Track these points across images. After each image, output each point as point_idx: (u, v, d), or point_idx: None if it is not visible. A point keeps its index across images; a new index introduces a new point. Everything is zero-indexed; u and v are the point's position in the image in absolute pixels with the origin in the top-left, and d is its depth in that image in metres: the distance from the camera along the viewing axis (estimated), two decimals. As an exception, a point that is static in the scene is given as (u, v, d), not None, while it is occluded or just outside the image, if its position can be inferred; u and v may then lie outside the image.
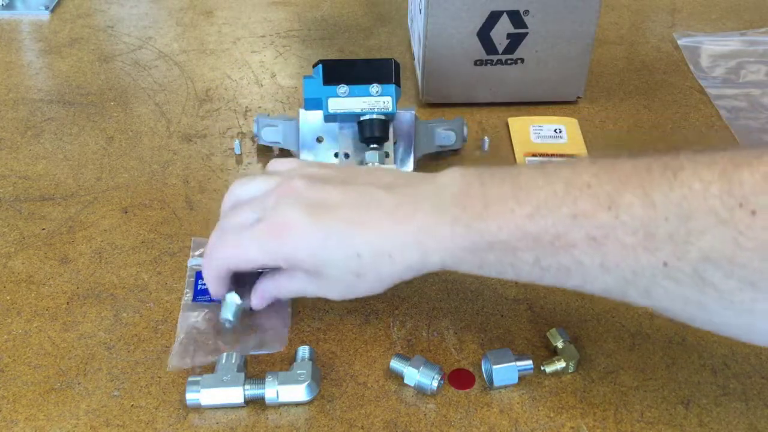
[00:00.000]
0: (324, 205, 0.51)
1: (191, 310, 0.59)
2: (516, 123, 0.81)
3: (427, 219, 0.49)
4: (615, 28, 1.01)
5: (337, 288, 0.53)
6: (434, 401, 0.53)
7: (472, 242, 0.48)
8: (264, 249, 0.52)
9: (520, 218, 0.46)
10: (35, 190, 0.72)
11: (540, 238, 0.45)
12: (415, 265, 0.50)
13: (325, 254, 0.51)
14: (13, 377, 0.54)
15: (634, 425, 0.52)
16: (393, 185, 0.52)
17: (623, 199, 0.43)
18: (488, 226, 0.47)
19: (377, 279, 0.51)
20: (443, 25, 0.78)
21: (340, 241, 0.50)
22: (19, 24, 1.00)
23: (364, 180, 0.53)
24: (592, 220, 0.43)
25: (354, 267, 0.50)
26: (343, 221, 0.50)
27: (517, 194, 0.46)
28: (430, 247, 0.49)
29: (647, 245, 0.42)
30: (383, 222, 0.50)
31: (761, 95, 0.88)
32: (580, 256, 0.44)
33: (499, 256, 0.47)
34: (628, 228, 0.42)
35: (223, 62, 0.92)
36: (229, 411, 0.52)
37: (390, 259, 0.50)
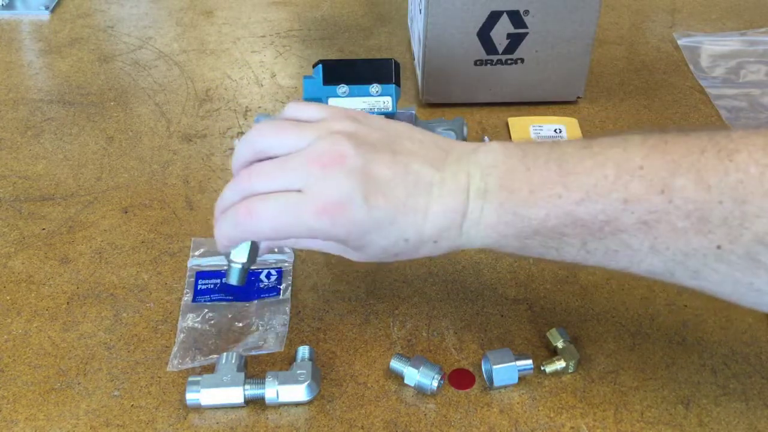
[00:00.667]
0: (376, 181, 0.47)
1: (191, 310, 0.59)
2: (516, 123, 0.81)
3: (473, 205, 0.47)
4: (615, 28, 1.01)
5: (372, 257, 0.51)
6: (434, 401, 0.53)
7: (516, 228, 0.46)
8: (309, 227, 0.48)
9: (569, 204, 0.44)
10: (35, 190, 0.72)
11: (589, 224, 0.44)
12: (456, 249, 0.50)
13: (376, 237, 0.48)
14: (13, 377, 0.54)
15: (634, 425, 0.52)
16: (437, 160, 0.49)
17: (676, 183, 0.42)
18: (536, 212, 0.45)
19: (415, 256, 0.50)
20: (443, 25, 0.78)
21: (393, 227, 0.48)
22: (19, 24, 1.00)
23: (409, 149, 0.49)
24: (645, 204, 0.42)
25: (399, 249, 0.49)
26: (395, 205, 0.48)
27: (565, 179, 0.45)
28: (475, 233, 0.48)
29: (700, 228, 0.41)
30: (433, 208, 0.48)
31: (761, 95, 0.88)
32: (629, 240, 0.44)
33: (543, 240, 0.46)
34: (681, 212, 0.42)
35: (223, 62, 0.92)
36: (229, 411, 0.52)
37: (434, 244, 0.49)
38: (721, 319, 0.59)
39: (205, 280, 0.62)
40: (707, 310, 0.60)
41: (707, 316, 0.59)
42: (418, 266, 0.63)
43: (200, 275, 0.62)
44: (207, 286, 0.61)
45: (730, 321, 0.59)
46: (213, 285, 0.61)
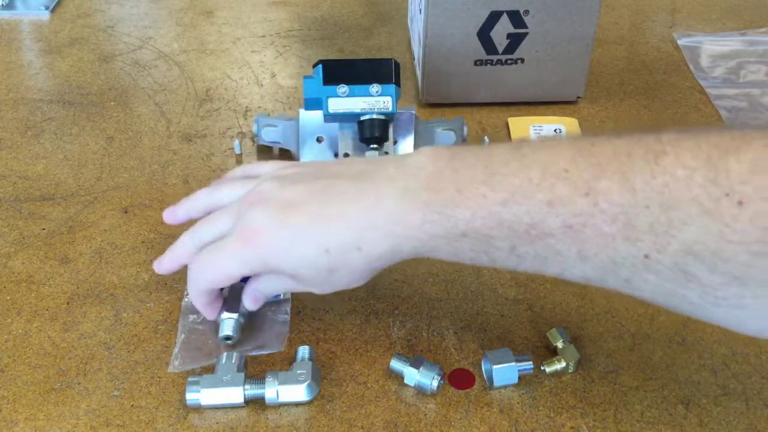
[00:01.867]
0: (291, 204, 0.50)
1: (192, 312, 0.59)
2: (516, 123, 0.81)
3: (396, 205, 0.47)
4: (615, 28, 1.01)
5: (317, 284, 0.52)
6: (434, 401, 0.53)
7: (445, 229, 0.46)
8: (239, 260, 0.51)
9: (494, 205, 0.44)
10: (35, 190, 0.72)
11: (514, 226, 0.43)
12: (386, 255, 0.49)
13: (296, 255, 0.50)
14: (13, 377, 0.54)
15: (634, 425, 0.52)
16: (361, 173, 0.50)
17: (601, 185, 0.40)
18: (461, 212, 0.45)
19: (351, 272, 0.50)
20: (443, 25, 0.78)
21: (308, 240, 0.49)
22: (19, 24, 1.00)
23: (333, 172, 0.52)
24: (569, 207, 0.41)
25: (325, 263, 0.49)
26: (308, 218, 0.49)
27: (490, 179, 0.44)
28: (401, 235, 0.47)
29: (627, 234, 0.40)
30: (348, 213, 0.48)
31: (761, 95, 0.88)
32: (556, 245, 0.43)
33: (473, 243, 0.45)
34: (606, 216, 0.40)
35: (223, 62, 0.92)
36: (229, 411, 0.52)
37: (359, 252, 0.48)
38: (721, 319, 0.59)
39: (205, 280, 0.62)
40: (707, 310, 0.60)
41: (707, 316, 0.59)
42: (418, 266, 0.63)
43: (200, 275, 0.62)
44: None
45: (730, 321, 0.59)
46: (213, 285, 0.61)
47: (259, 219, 0.50)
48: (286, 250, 0.50)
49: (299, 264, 0.50)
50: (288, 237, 0.50)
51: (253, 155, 0.76)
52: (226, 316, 0.56)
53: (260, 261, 0.51)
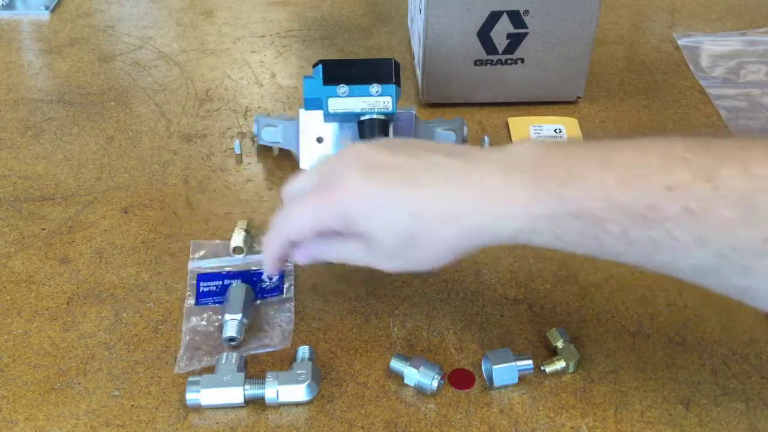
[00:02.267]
0: (382, 164, 0.48)
1: (195, 313, 0.59)
2: (516, 123, 0.81)
3: (498, 182, 0.45)
4: (615, 28, 1.01)
5: (389, 254, 0.49)
6: (434, 401, 0.53)
7: (552, 210, 0.44)
8: (317, 211, 0.50)
9: (610, 187, 0.42)
10: (35, 190, 0.72)
11: (631, 210, 0.42)
12: (479, 233, 0.46)
13: (378, 212, 0.48)
14: (13, 377, 0.54)
15: (634, 425, 0.52)
16: (461, 152, 0.49)
17: (722, 172, 0.40)
18: (573, 192, 0.43)
19: (433, 245, 0.48)
20: (443, 25, 0.78)
21: (394, 198, 0.47)
22: (19, 24, 1.00)
23: (426, 146, 0.50)
24: (690, 191, 0.41)
25: (407, 228, 0.47)
26: (400, 180, 0.47)
27: (607, 164, 0.43)
28: (502, 214, 0.45)
29: (748, 219, 0.40)
30: (447, 184, 0.46)
31: (761, 95, 0.88)
32: (673, 230, 0.41)
33: (582, 226, 0.44)
34: (728, 201, 0.40)
35: (223, 62, 0.92)
36: (229, 411, 0.52)
37: (448, 222, 0.46)
38: (721, 319, 0.59)
39: (207, 282, 0.62)
40: (707, 310, 0.60)
41: (707, 316, 0.59)
42: (418, 266, 0.63)
43: (201, 277, 0.62)
44: (209, 289, 0.61)
45: (730, 321, 0.59)
46: (215, 287, 0.61)
47: (345, 172, 0.49)
48: (369, 205, 0.48)
49: (379, 223, 0.48)
50: (373, 192, 0.47)
51: (253, 155, 0.76)
52: (230, 317, 0.56)
53: (338, 214, 0.49)
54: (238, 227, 0.65)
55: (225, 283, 0.61)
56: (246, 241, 0.64)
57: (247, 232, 0.65)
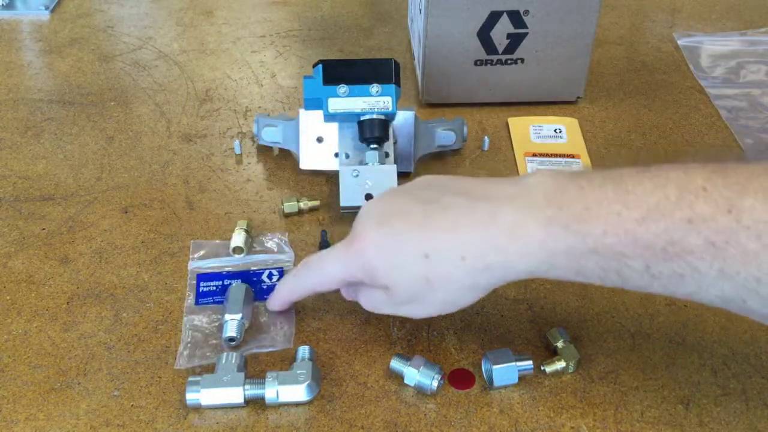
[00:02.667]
0: (397, 210, 0.50)
1: (195, 312, 0.59)
2: (516, 123, 0.81)
3: (512, 220, 0.45)
4: (615, 28, 1.01)
5: (411, 299, 0.50)
6: (434, 401, 0.53)
7: (569, 246, 0.44)
8: (341, 262, 0.52)
9: (629, 222, 0.42)
10: (35, 190, 0.72)
11: (652, 245, 0.42)
12: (494, 270, 0.46)
13: (394, 258, 0.48)
14: (13, 377, 0.54)
15: (634, 425, 0.52)
16: (471, 189, 0.49)
17: (744, 203, 0.40)
18: (591, 228, 0.43)
19: (450, 285, 0.48)
20: (443, 25, 0.78)
21: (408, 242, 0.48)
22: (19, 24, 1.00)
23: (440, 187, 0.50)
24: (711, 224, 0.40)
25: (422, 271, 0.47)
26: (413, 224, 0.48)
27: (624, 198, 0.43)
28: (516, 252, 0.45)
29: None
30: (456, 224, 0.47)
31: (761, 95, 0.88)
32: (696, 263, 0.41)
33: (602, 262, 0.44)
34: (751, 232, 0.39)
35: (223, 62, 0.92)
36: (229, 411, 0.52)
37: (462, 262, 0.46)
38: (721, 319, 0.59)
39: (207, 282, 0.62)
40: (707, 310, 0.60)
41: (707, 316, 0.59)
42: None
43: (201, 277, 0.62)
44: (209, 289, 0.61)
45: (730, 321, 0.59)
46: (215, 287, 0.61)
47: (365, 225, 0.50)
48: (387, 252, 0.49)
49: (396, 271, 0.49)
50: (388, 238, 0.49)
51: (253, 155, 0.76)
52: (230, 317, 0.56)
53: (360, 264, 0.50)
54: (238, 227, 0.65)
55: (225, 283, 0.61)
56: (246, 241, 0.64)
57: (247, 232, 0.65)
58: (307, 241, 0.66)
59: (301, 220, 0.69)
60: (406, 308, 0.52)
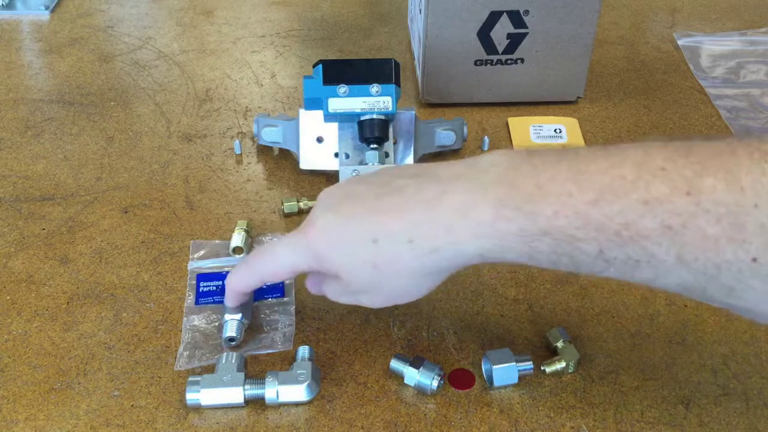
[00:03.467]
0: (347, 198, 0.48)
1: (195, 312, 0.59)
2: (516, 123, 0.81)
3: (461, 200, 0.43)
4: (615, 28, 1.01)
5: (364, 287, 0.49)
6: (434, 401, 0.53)
7: (520, 228, 0.41)
8: (291, 250, 0.50)
9: (581, 204, 0.40)
10: (35, 190, 0.72)
11: (605, 227, 0.39)
12: (443, 252, 0.44)
13: (344, 246, 0.47)
14: (13, 377, 0.54)
15: (634, 425, 0.52)
16: (425, 171, 0.47)
17: (704, 183, 0.37)
18: (542, 209, 0.41)
19: (399, 271, 0.46)
20: (443, 25, 0.78)
21: (357, 229, 0.46)
22: (19, 24, 1.00)
23: (394, 172, 0.49)
24: (668, 206, 0.38)
25: (371, 256, 0.46)
26: (361, 208, 0.47)
27: (577, 177, 0.40)
28: (465, 233, 0.43)
29: (733, 236, 0.37)
30: (404, 205, 0.45)
31: (761, 95, 0.88)
32: (652, 248, 0.39)
33: (554, 245, 0.41)
34: (710, 216, 0.37)
35: (223, 62, 0.92)
36: (229, 411, 0.52)
37: (409, 244, 0.44)
38: (721, 319, 0.59)
39: (207, 282, 0.62)
40: (707, 310, 0.60)
41: (707, 316, 0.59)
42: (418, 266, 0.63)
43: (201, 277, 0.62)
44: (209, 289, 0.61)
45: (730, 321, 0.59)
46: (215, 287, 0.61)
47: (316, 212, 0.49)
48: (335, 238, 0.47)
49: (344, 256, 0.47)
50: (338, 224, 0.47)
51: (253, 155, 0.76)
52: (230, 317, 0.56)
53: (311, 252, 0.49)
54: (238, 227, 0.65)
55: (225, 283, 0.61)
56: (246, 241, 0.64)
57: (247, 232, 0.65)
58: (307, 241, 0.66)
59: (301, 220, 0.68)
60: (362, 297, 0.50)
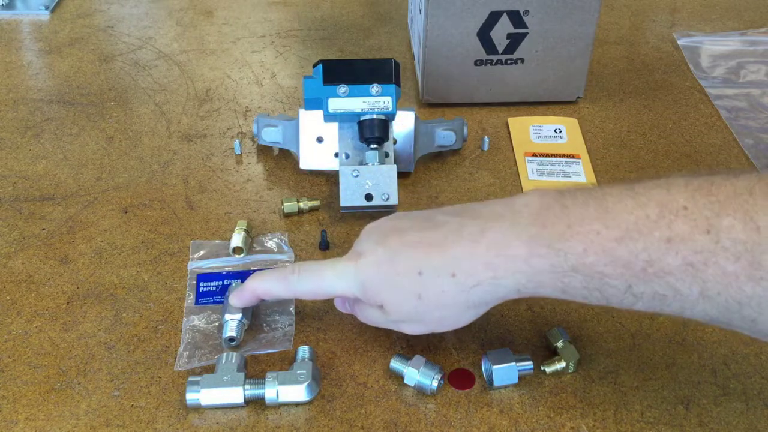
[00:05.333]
0: (393, 232, 0.51)
1: (195, 312, 0.59)
2: (516, 123, 0.81)
3: (498, 238, 0.46)
4: (615, 28, 1.01)
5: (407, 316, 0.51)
6: (434, 401, 0.53)
7: (552, 265, 0.44)
8: (340, 278, 0.52)
9: (608, 241, 0.43)
10: (35, 190, 0.72)
11: (630, 264, 0.42)
12: (483, 287, 0.47)
13: (391, 277, 0.49)
14: (13, 377, 0.54)
15: (634, 425, 0.52)
16: (464, 210, 0.50)
17: (723, 223, 0.39)
18: (572, 246, 0.44)
19: (442, 302, 0.49)
20: (443, 25, 0.78)
21: (403, 260, 0.49)
22: (19, 24, 1.00)
23: (436, 210, 0.52)
24: (689, 244, 0.40)
25: (416, 288, 0.49)
26: (407, 242, 0.49)
27: (604, 216, 0.43)
28: (503, 269, 0.46)
29: (752, 274, 0.39)
30: (448, 239, 0.48)
31: (761, 95, 0.88)
32: (676, 284, 0.41)
33: (584, 280, 0.44)
34: (729, 254, 0.39)
35: (223, 62, 0.92)
36: (229, 411, 0.52)
37: (452, 278, 0.47)
38: (721, 319, 0.59)
39: (207, 282, 0.62)
40: (707, 310, 0.60)
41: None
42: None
43: (201, 277, 0.62)
44: (209, 289, 0.61)
45: (730, 321, 0.59)
46: (215, 287, 0.61)
47: (365, 243, 0.52)
48: (383, 271, 0.50)
49: (390, 288, 0.50)
50: (386, 257, 0.50)
51: (253, 155, 0.76)
52: (230, 317, 0.56)
53: (358, 282, 0.51)
54: (238, 227, 0.65)
55: (225, 283, 0.61)
56: (246, 241, 0.64)
57: (247, 232, 0.65)
58: (307, 241, 0.66)
59: (301, 220, 0.69)
60: (403, 326, 0.52)
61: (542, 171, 0.75)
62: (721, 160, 0.77)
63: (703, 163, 0.77)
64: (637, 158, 0.77)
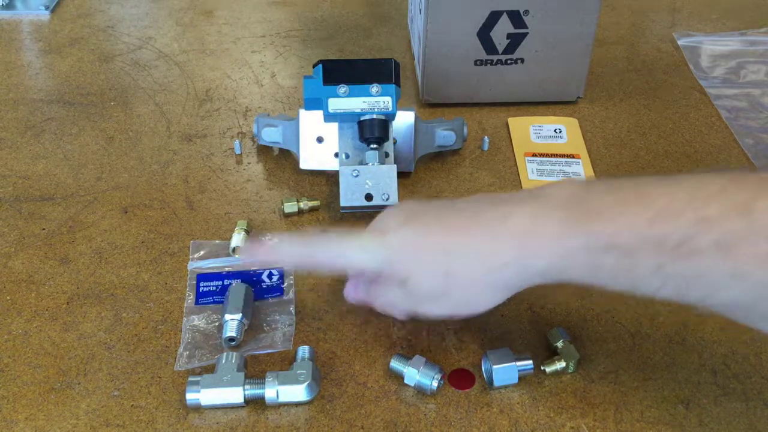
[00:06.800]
0: (419, 214, 0.51)
1: (195, 312, 0.59)
2: (516, 123, 0.81)
3: (527, 220, 0.47)
4: (615, 28, 1.01)
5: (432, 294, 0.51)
6: (434, 401, 0.53)
7: (583, 244, 0.45)
8: (365, 251, 0.52)
9: (640, 223, 0.43)
10: (35, 190, 0.72)
11: (662, 244, 0.42)
12: (512, 267, 0.47)
13: (419, 252, 0.50)
14: (13, 377, 0.54)
15: (634, 425, 0.52)
16: (480, 198, 0.51)
17: (757, 205, 0.40)
18: (605, 226, 0.44)
19: (470, 281, 0.49)
20: (443, 25, 0.78)
21: (432, 239, 0.49)
22: (19, 24, 1.00)
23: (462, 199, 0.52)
24: (722, 225, 0.40)
25: (444, 266, 0.49)
26: (436, 224, 0.50)
27: (636, 200, 0.44)
28: (533, 248, 0.46)
29: None
30: (477, 221, 0.48)
31: (761, 95, 0.88)
32: (707, 263, 0.41)
33: (615, 260, 0.44)
34: (762, 234, 0.39)
35: (223, 62, 0.92)
36: (229, 411, 0.52)
37: (481, 259, 0.48)
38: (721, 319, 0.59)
39: (207, 282, 0.62)
40: (707, 310, 0.60)
41: (707, 316, 0.59)
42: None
43: (201, 277, 0.62)
44: (209, 289, 0.61)
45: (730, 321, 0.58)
46: (215, 287, 0.61)
47: (391, 220, 0.52)
48: (410, 245, 0.50)
49: (417, 262, 0.50)
50: (414, 233, 0.50)
51: (253, 155, 0.76)
52: (229, 317, 0.56)
53: (385, 255, 0.51)
54: (238, 227, 0.65)
55: (225, 283, 0.61)
56: (245, 241, 0.64)
57: (247, 232, 0.65)
58: (307, 241, 0.66)
59: (301, 220, 0.69)
60: (426, 305, 0.52)
61: (542, 171, 0.75)
62: (721, 160, 0.77)
63: (703, 163, 0.77)
64: (637, 158, 0.77)
